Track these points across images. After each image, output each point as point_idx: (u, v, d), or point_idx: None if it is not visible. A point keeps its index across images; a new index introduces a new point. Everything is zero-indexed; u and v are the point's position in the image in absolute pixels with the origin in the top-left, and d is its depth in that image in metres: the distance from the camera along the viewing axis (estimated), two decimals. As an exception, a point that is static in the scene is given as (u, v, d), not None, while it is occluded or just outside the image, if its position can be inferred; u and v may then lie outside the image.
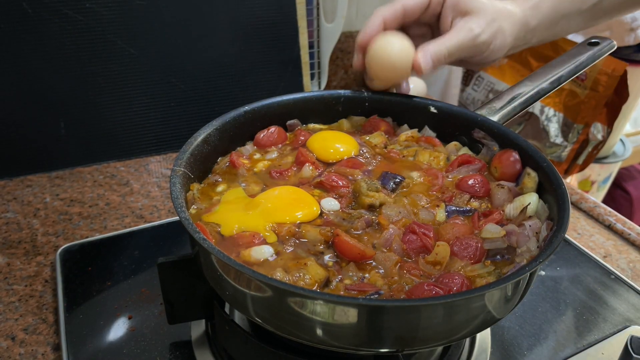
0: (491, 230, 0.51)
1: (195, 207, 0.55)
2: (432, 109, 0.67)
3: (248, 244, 0.49)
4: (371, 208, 0.54)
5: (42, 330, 0.63)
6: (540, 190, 0.56)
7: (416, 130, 0.68)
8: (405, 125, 0.69)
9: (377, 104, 0.69)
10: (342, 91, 0.70)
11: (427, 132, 0.68)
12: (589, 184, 1.45)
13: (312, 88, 1.09)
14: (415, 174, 0.60)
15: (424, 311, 0.42)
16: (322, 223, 0.52)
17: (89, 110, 0.92)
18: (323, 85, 1.13)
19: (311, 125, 0.70)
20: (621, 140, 1.42)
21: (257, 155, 0.64)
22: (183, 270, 0.54)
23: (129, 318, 0.64)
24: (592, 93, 1.09)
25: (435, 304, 0.42)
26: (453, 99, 1.50)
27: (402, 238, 0.50)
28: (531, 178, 0.57)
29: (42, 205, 0.84)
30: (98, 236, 0.77)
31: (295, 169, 0.60)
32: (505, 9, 0.66)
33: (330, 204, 0.54)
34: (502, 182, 0.58)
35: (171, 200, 0.50)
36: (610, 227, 0.86)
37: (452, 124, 0.66)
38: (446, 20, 0.66)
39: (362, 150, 0.64)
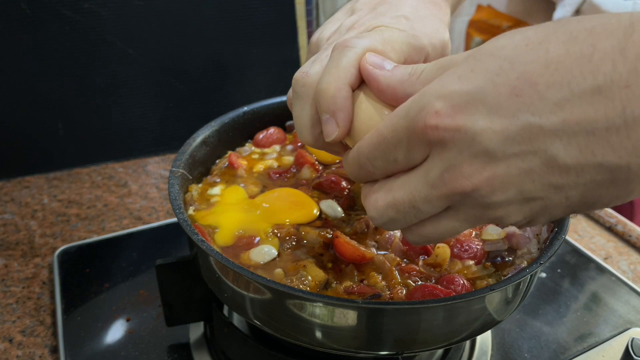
0: (491, 232, 0.51)
1: (194, 208, 0.54)
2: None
3: (247, 246, 0.49)
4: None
5: (39, 332, 0.63)
6: (540, 192, 0.56)
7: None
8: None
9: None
10: (341, 92, 0.69)
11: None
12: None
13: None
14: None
15: (424, 313, 0.42)
16: (322, 225, 0.52)
17: (87, 111, 0.92)
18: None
19: (310, 126, 0.69)
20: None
21: (256, 156, 0.63)
22: (181, 272, 0.53)
23: (127, 320, 0.63)
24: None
25: (435, 306, 0.41)
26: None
27: (401, 239, 0.50)
28: (532, 179, 0.56)
29: (39, 206, 0.84)
30: (96, 238, 0.77)
31: (294, 170, 0.60)
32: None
33: (330, 205, 0.54)
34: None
35: (169, 201, 0.50)
36: (611, 229, 0.85)
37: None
38: None
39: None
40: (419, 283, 0.46)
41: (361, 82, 0.39)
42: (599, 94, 0.27)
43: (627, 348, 0.57)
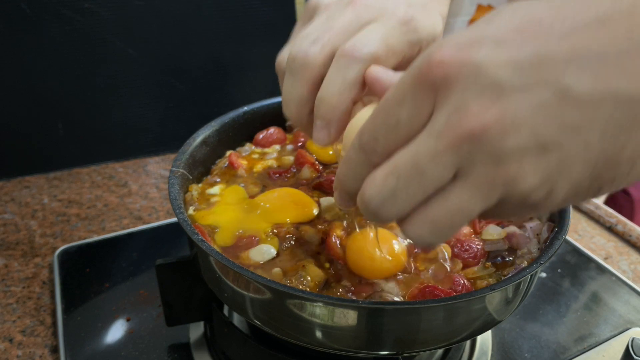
0: (492, 231, 0.51)
1: (194, 208, 0.54)
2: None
3: (247, 246, 0.49)
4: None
5: (40, 332, 0.63)
6: (541, 192, 0.56)
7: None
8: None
9: (376, 104, 0.69)
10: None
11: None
12: (589, 185, 1.44)
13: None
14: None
15: (424, 313, 0.42)
16: (321, 223, 0.52)
17: (87, 111, 0.92)
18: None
19: (310, 126, 0.69)
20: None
21: (256, 156, 0.63)
22: (181, 272, 0.53)
23: (127, 320, 0.63)
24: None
25: (436, 306, 0.41)
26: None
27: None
28: (532, 179, 0.56)
29: (39, 206, 0.84)
30: (96, 237, 0.77)
31: (294, 170, 0.60)
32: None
33: (330, 203, 0.54)
34: (502, 183, 0.57)
35: (169, 201, 0.50)
36: (611, 229, 0.85)
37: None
38: None
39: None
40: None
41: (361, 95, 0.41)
42: (604, 22, 0.26)
43: (627, 348, 0.57)
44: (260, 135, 0.65)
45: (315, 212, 0.53)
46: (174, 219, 0.80)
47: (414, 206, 0.30)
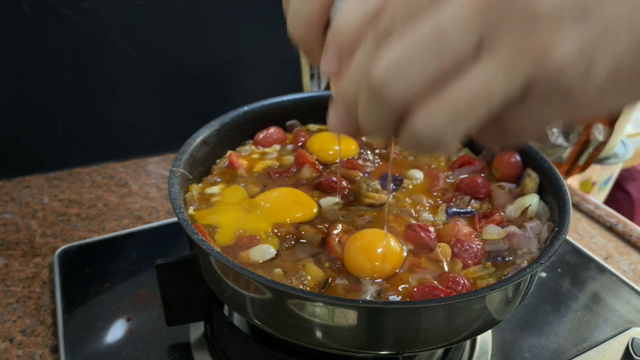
0: (492, 231, 0.51)
1: (194, 208, 0.54)
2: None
3: (248, 246, 0.49)
4: (371, 208, 0.54)
5: (40, 332, 0.63)
6: (541, 192, 0.56)
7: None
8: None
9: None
10: (341, 92, 0.69)
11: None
12: (590, 185, 1.45)
13: (312, 89, 1.08)
14: (415, 175, 0.59)
15: (424, 313, 0.42)
16: (321, 223, 0.52)
17: (88, 111, 0.92)
18: (323, 86, 1.12)
19: (311, 126, 0.69)
20: (622, 141, 1.42)
21: (256, 156, 0.63)
22: (182, 271, 0.53)
23: (127, 320, 0.63)
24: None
25: (436, 306, 0.41)
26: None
27: (403, 235, 0.50)
28: (532, 179, 0.56)
29: (40, 206, 0.84)
30: (96, 237, 0.77)
31: (294, 169, 0.60)
32: None
33: (330, 201, 0.54)
34: (502, 184, 0.58)
35: (169, 201, 0.50)
36: (611, 229, 0.85)
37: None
38: None
39: (362, 152, 0.63)
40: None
41: None
42: None
43: (627, 348, 0.57)
44: (261, 135, 0.65)
45: (315, 212, 0.53)
46: (174, 219, 0.80)
47: (426, 84, 0.26)
